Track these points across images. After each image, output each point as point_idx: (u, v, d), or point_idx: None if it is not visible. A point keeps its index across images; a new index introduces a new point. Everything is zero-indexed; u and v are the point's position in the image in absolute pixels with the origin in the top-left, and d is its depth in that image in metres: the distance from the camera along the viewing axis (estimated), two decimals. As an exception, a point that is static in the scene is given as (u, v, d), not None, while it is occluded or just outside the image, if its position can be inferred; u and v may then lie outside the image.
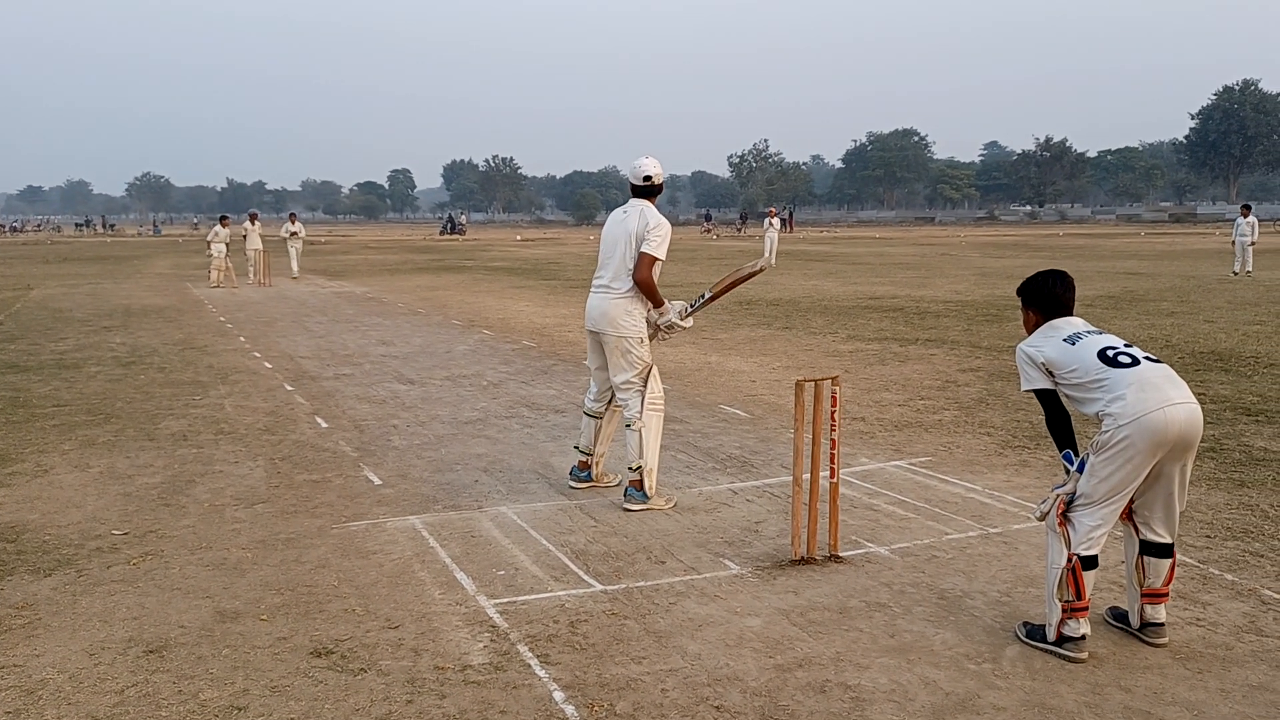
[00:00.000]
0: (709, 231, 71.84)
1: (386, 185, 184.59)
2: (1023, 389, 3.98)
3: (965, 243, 46.99)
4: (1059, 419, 3.89)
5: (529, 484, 6.22)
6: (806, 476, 4.80)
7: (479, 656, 3.81)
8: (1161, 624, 3.90)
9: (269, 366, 11.00)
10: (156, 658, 3.80)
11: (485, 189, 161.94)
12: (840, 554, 4.85)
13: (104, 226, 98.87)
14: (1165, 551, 3.86)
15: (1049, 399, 3.89)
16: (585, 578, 4.62)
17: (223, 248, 23.56)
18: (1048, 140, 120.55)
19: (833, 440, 4.79)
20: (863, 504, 5.70)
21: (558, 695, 3.51)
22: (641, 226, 5.61)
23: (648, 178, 5.78)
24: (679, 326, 5.80)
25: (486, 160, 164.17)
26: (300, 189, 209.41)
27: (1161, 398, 3.62)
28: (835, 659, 3.79)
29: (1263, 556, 4.79)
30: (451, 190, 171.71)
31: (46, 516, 5.55)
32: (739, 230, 76.00)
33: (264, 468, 6.62)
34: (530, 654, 3.83)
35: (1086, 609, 3.75)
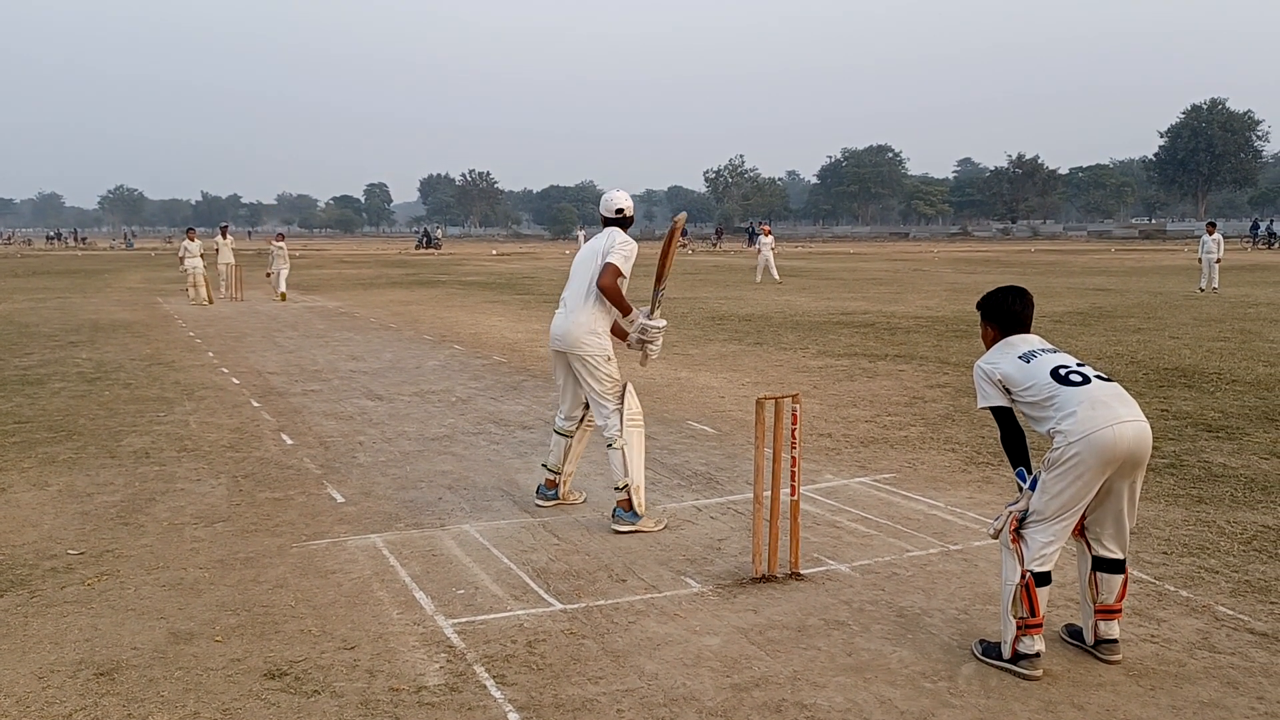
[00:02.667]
0: (685, 246, 71.98)
1: (363, 199, 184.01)
2: (979, 406, 4.01)
3: (938, 258, 47.32)
4: (1013, 436, 3.92)
5: (493, 501, 6.19)
6: (768, 494, 4.81)
7: (434, 678, 3.79)
8: (1115, 640, 3.92)
9: (236, 382, 10.91)
10: (107, 680, 3.75)
11: (462, 203, 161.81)
12: (801, 571, 4.86)
13: (76, 239, 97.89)
14: (1117, 567, 3.90)
15: (1004, 416, 3.92)
16: (545, 596, 4.61)
17: (198, 261, 22.91)
18: (1020, 157, 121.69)
19: (793, 458, 4.80)
20: (825, 520, 5.71)
21: (513, 717, 3.50)
22: (609, 244, 5.70)
23: (619, 209, 5.87)
24: (653, 327, 5.82)
25: (463, 174, 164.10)
26: (275, 203, 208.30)
27: (1111, 415, 3.66)
28: (792, 678, 3.79)
29: (1218, 573, 4.83)
30: (428, 204, 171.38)
31: (1, 536, 5.48)
32: (714, 245, 76.25)
33: (226, 485, 6.56)
34: (486, 675, 3.81)
35: (1040, 626, 3.78)
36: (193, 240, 23.42)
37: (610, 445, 5.66)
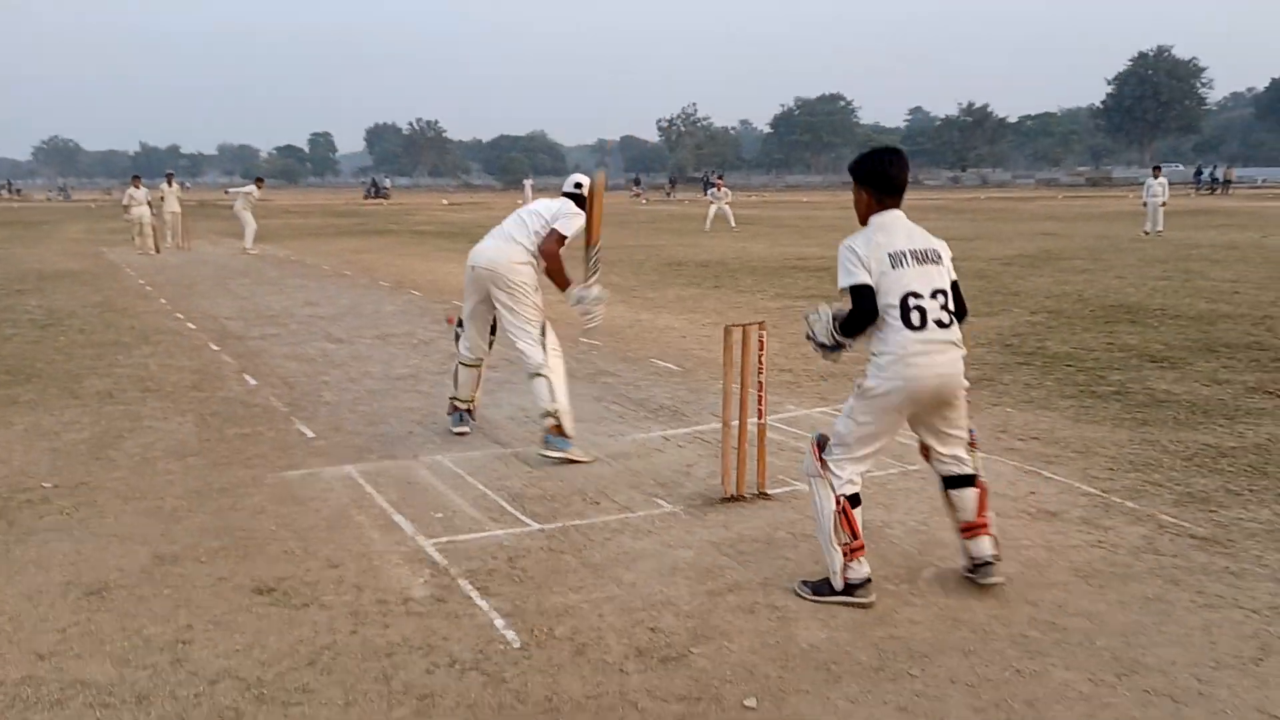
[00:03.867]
0: (638, 196, 71.76)
1: (307, 149, 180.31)
2: (840, 285, 3.75)
3: (889, 206, 47.61)
4: (863, 322, 3.73)
5: (462, 435, 6.29)
6: (735, 422, 4.97)
7: (420, 590, 3.92)
8: (989, 561, 3.85)
9: (192, 327, 10.84)
10: (97, 599, 3.83)
11: (410, 153, 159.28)
12: (768, 491, 5.04)
13: (9, 191, 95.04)
14: (967, 481, 3.86)
15: (866, 296, 3.69)
16: (522, 518, 4.74)
17: (145, 210, 22.49)
18: (970, 106, 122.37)
19: (760, 383, 4.95)
20: (790, 447, 5.89)
21: (499, 623, 3.64)
22: (560, 209, 5.79)
23: (579, 184, 5.95)
24: (591, 299, 5.80)
25: (411, 124, 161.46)
26: (217, 153, 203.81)
27: (926, 366, 3.63)
28: (763, 584, 3.97)
29: (1162, 486, 5.09)
30: (374, 154, 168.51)
31: (-28, 472, 5.49)
32: (669, 195, 76.05)
33: (193, 422, 6.59)
34: (470, 587, 3.94)
35: (863, 548, 3.76)
36: (138, 188, 22.97)
37: (535, 375, 5.68)
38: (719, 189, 31.15)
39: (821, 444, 3.85)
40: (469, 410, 6.30)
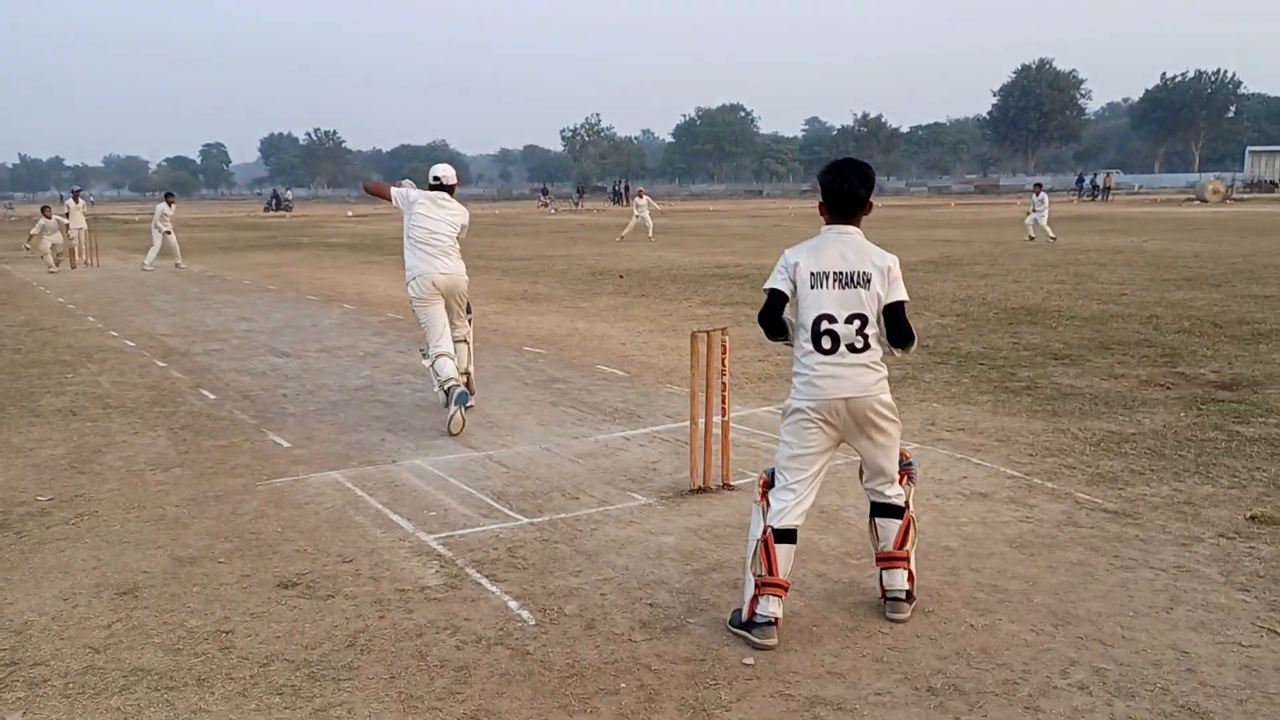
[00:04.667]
0: (546, 205, 72.00)
1: (199, 160, 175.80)
2: (765, 286, 3.90)
3: (794, 214, 48.93)
4: (773, 323, 3.88)
5: (435, 440, 6.64)
6: (702, 420, 5.45)
7: (433, 579, 4.29)
8: (899, 596, 3.91)
9: (132, 345, 10.87)
10: (130, 598, 4.10)
11: (307, 164, 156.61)
12: (732, 483, 5.53)
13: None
14: (893, 512, 3.91)
15: (773, 302, 3.83)
16: (510, 513, 5.14)
17: (59, 238, 21.84)
18: (865, 116, 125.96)
19: (723, 384, 5.44)
20: (742, 443, 6.39)
21: (512, 604, 4.04)
22: (460, 208, 7.33)
23: (438, 176, 7.42)
24: None
25: (309, 134, 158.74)
26: (103, 165, 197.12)
27: (835, 389, 3.72)
28: (741, 562, 4.43)
29: (1075, 469, 5.74)
30: (270, 165, 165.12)
31: (-41, 488, 5.63)
32: (576, 204, 76.45)
33: (166, 437, 6.79)
34: (479, 575, 4.33)
35: (780, 589, 3.73)
36: (49, 218, 22.30)
37: (464, 340, 7.48)
38: (641, 199, 31.22)
39: (771, 479, 3.89)
40: (466, 384, 7.37)
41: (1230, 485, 5.35)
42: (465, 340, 7.52)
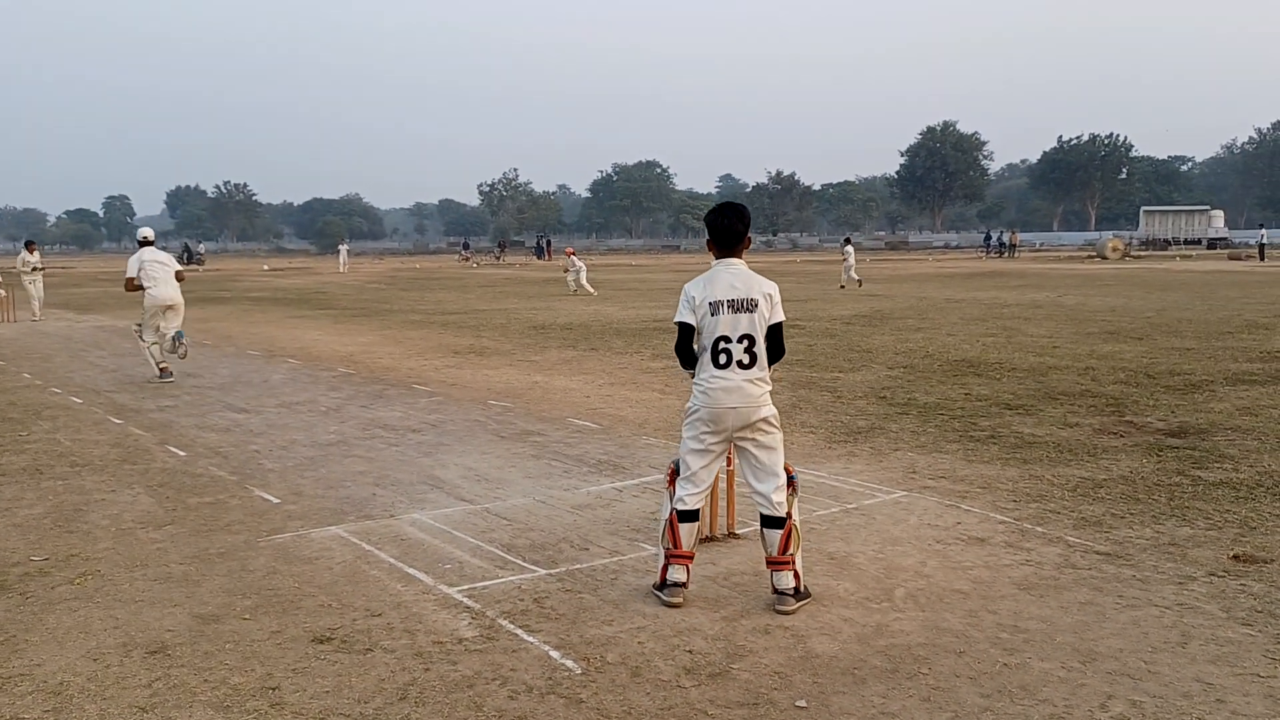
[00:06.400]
0: (467, 260, 71.84)
1: (101, 213, 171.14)
2: (674, 319, 4.65)
3: (715, 269, 49.72)
4: (687, 352, 4.63)
5: (426, 494, 6.62)
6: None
7: (468, 631, 4.30)
8: (784, 592, 4.52)
9: (79, 401, 10.57)
10: (163, 656, 4.02)
11: (216, 217, 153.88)
12: (737, 532, 5.65)
13: None
14: (774, 523, 4.53)
15: (685, 334, 4.60)
16: (526, 565, 5.16)
17: None
18: (779, 174, 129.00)
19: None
20: (738, 494, 6.51)
21: (554, 654, 4.07)
22: (169, 258, 12.36)
23: (145, 235, 12.58)
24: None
25: (217, 186, 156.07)
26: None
27: (725, 398, 4.47)
28: (767, 609, 4.55)
29: (1059, 513, 5.99)
30: (176, 218, 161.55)
31: (-58, 549, 5.42)
32: (498, 258, 76.42)
33: (147, 494, 6.63)
34: (513, 625, 4.35)
35: (684, 558, 4.57)
36: None
37: (181, 339, 12.03)
38: (571, 259, 30.47)
39: (676, 469, 4.67)
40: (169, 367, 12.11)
41: (1207, 527, 5.66)
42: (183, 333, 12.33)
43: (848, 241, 34.69)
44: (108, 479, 7.04)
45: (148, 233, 12.77)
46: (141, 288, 11.92)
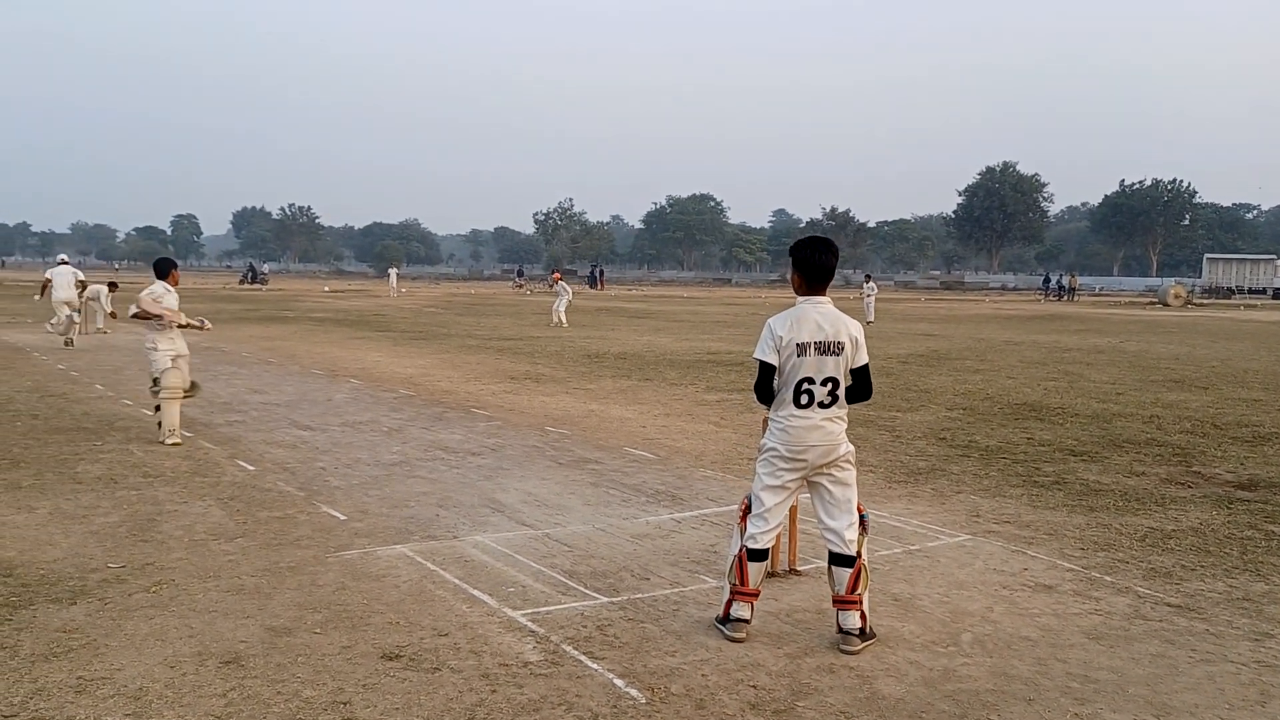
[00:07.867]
0: (521, 287, 72.42)
1: (169, 231, 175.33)
2: (754, 355, 4.59)
3: (768, 303, 49.65)
4: (766, 389, 4.58)
5: (488, 517, 6.69)
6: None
7: (533, 655, 4.33)
8: (850, 632, 4.48)
9: (149, 414, 10.81)
10: (237, 667, 4.11)
11: (280, 238, 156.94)
12: (799, 568, 5.63)
13: None
14: (844, 561, 4.51)
15: (767, 373, 4.55)
16: (588, 592, 5.19)
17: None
18: (833, 210, 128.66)
19: (792, 469, 5.57)
20: (800, 530, 6.49)
21: (618, 682, 4.09)
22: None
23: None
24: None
25: (282, 208, 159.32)
26: (70, 231, 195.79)
27: (806, 436, 4.47)
28: (832, 648, 4.53)
29: (1128, 563, 5.90)
30: (242, 238, 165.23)
31: (24, 554, 5.60)
32: (551, 286, 76.78)
33: (218, 507, 6.78)
34: (577, 652, 4.38)
35: (750, 596, 4.57)
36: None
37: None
38: (560, 284, 29.70)
39: (749, 505, 4.63)
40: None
41: (1282, 583, 5.53)
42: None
43: (869, 278, 36.28)
44: (180, 491, 7.21)
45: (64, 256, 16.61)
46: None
